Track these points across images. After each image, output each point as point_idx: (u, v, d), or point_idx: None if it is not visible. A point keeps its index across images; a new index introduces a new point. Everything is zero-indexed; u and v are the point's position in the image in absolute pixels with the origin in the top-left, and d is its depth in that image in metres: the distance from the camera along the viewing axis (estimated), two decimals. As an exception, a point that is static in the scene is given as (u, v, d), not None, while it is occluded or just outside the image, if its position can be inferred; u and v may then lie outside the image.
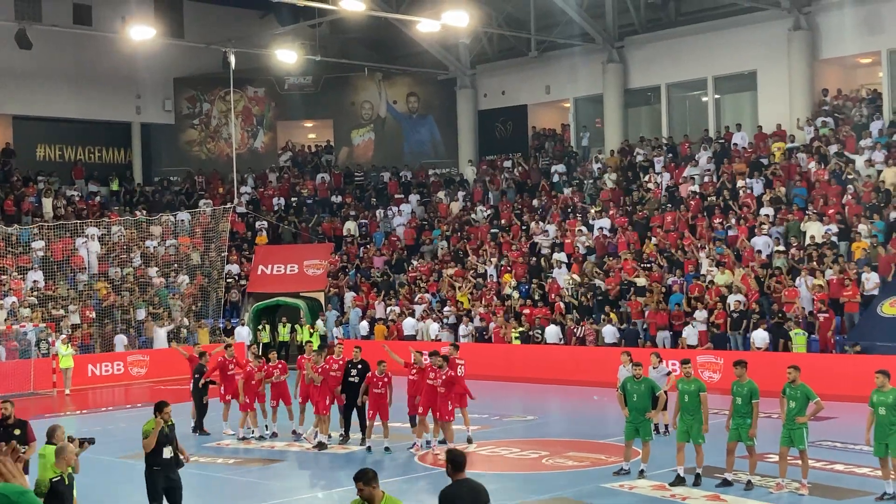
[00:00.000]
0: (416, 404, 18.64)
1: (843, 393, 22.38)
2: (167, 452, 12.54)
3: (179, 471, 12.78)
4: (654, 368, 18.84)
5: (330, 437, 19.39)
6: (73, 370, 29.84)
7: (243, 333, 33.70)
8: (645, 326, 28.87)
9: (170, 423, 12.72)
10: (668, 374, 19.15)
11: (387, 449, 18.56)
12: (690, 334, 27.45)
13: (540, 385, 28.19)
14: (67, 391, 29.34)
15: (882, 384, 13.48)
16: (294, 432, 20.25)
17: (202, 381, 20.97)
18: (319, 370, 19.10)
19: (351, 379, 19.11)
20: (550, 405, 26.13)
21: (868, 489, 13.91)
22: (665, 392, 16.54)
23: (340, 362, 19.40)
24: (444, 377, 17.91)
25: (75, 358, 30.18)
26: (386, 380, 18.63)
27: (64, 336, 30.41)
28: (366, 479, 8.20)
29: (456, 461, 8.58)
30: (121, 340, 33.07)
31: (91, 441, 11.01)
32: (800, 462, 14.22)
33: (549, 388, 27.72)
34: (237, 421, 20.47)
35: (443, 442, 18.27)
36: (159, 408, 12.64)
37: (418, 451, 18.21)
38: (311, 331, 34.32)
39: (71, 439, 10.97)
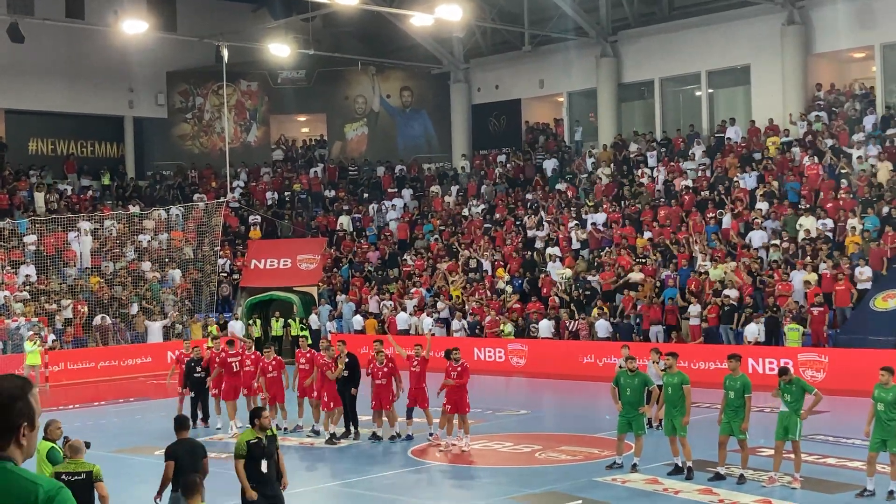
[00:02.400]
0: (415, 397, 18.65)
1: (835, 387, 22.43)
2: (264, 466, 10.85)
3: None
4: (654, 363, 18.77)
5: (319, 432, 19.52)
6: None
7: (236, 328, 33.62)
8: (638, 321, 28.87)
9: (270, 432, 11.17)
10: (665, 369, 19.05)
11: (378, 438, 18.71)
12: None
13: (533, 379, 28.23)
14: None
15: (886, 381, 13.47)
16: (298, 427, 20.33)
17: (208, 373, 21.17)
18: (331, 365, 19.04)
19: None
20: (543, 399, 26.14)
21: (860, 483, 13.93)
22: (658, 387, 16.54)
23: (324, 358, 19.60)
24: (458, 369, 17.88)
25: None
26: (386, 370, 18.63)
27: (31, 333, 29.53)
28: (190, 489, 8.48)
29: (179, 423, 11.41)
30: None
31: (86, 445, 10.97)
32: (793, 456, 14.23)
33: (543, 383, 27.74)
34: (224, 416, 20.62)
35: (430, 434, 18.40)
36: (256, 414, 11.28)
37: (453, 443, 18.19)
38: (303, 325, 34.29)
39: (67, 440, 10.94)
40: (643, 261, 30.36)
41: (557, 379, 27.64)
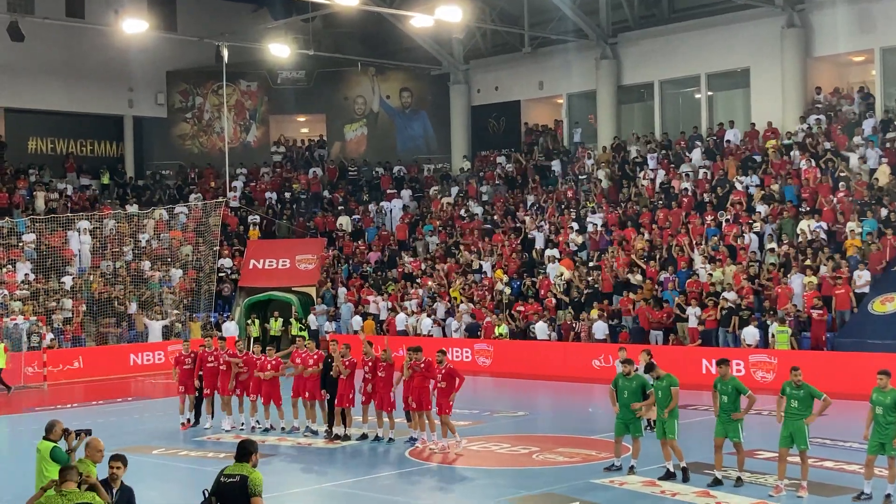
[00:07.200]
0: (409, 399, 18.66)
1: (833, 390, 22.40)
2: None
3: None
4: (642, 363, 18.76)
5: (316, 432, 19.55)
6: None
7: (231, 328, 33.67)
8: (636, 323, 28.85)
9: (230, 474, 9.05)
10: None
11: (368, 437, 18.86)
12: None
13: (530, 381, 28.22)
14: None
15: (884, 385, 13.47)
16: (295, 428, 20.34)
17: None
18: (347, 363, 18.93)
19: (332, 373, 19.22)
20: (540, 401, 26.14)
21: (858, 486, 13.92)
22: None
23: (315, 357, 19.63)
24: (443, 371, 17.84)
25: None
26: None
27: None
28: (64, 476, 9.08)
29: None
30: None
31: (88, 432, 10.98)
32: (797, 460, 14.10)
33: (540, 384, 27.74)
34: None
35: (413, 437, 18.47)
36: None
37: (425, 444, 18.19)
38: (301, 326, 34.30)
39: (67, 432, 10.97)
40: (639, 261, 30.34)
41: (555, 380, 27.64)
